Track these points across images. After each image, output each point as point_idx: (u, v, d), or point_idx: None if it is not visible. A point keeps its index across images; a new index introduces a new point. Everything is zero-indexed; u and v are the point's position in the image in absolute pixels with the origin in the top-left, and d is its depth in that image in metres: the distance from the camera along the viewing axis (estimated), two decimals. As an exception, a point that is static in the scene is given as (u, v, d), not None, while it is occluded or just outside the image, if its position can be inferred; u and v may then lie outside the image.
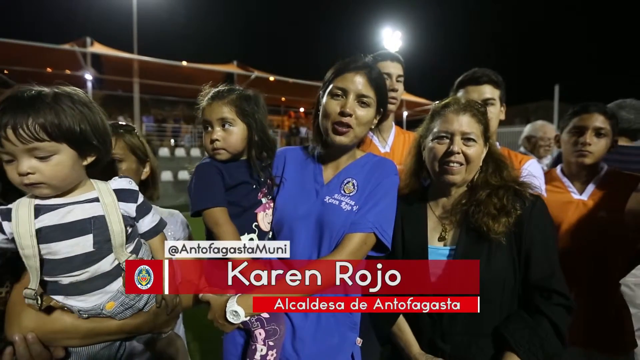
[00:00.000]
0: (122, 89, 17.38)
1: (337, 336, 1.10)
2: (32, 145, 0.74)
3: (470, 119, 1.11)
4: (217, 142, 1.08)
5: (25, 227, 0.78)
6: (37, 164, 0.77)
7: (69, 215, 0.82)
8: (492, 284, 1.03)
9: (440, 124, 1.13)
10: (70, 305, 0.86)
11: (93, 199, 0.87)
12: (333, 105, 1.11)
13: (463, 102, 1.14)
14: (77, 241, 0.82)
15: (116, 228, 0.86)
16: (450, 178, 1.11)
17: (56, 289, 0.85)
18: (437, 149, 1.12)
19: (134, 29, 16.46)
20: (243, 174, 1.13)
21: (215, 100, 1.09)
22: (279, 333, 1.03)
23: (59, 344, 0.87)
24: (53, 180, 0.79)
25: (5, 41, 12.75)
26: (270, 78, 17.60)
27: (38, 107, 0.74)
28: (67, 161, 0.80)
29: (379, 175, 1.16)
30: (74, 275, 0.83)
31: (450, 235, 1.15)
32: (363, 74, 1.11)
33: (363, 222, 1.08)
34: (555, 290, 1.02)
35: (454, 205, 1.16)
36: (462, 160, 1.09)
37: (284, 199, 1.17)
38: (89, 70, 14.94)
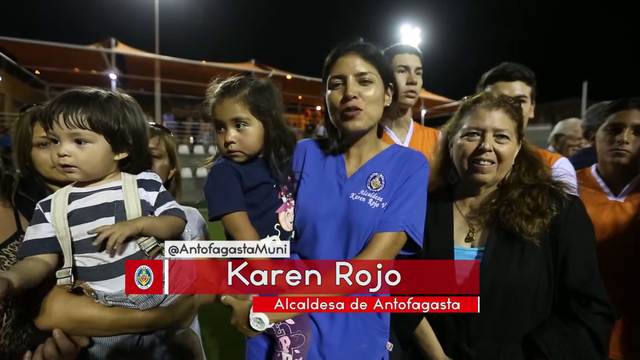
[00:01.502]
0: (144, 88, 17.85)
1: (367, 341, 1.04)
2: (75, 130, 0.87)
3: (503, 114, 1.04)
4: (232, 145, 1.02)
5: (60, 211, 0.89)
6: (75, 148, 0.88)
7: (95, 199, 0.93)
8: (523, 287, 0.99)
9: (471, 120, 1.07)
10: (98, 290, 0.90)
11: (117, 187, 0.96)
12: (335, 95, 1.04)
13: (496, 96, 1.08)
14: (102, 222, 0.90)
15: (133, 212, 0.93)
16: (480, 177, 1.05)
17: (85, 274, 0.90)
18: (466, 146, 1.06)
19: (155, 29, 16.86)
20: (262, 173, 1.07)
21: (226, 97, 1.01)
22: (305, 340, 0.98)
23: (84, 333, 0.90)
24: (84, 166, 0.89)
25: (36, 43, 13.33)
26: (287, 76, 17.67)
27: (88, 102, 0.88)
28: (100, 151, 0.91)
29: (408, 168, 1.07)
30: (99, 258, 0.89)
31: (478, 236, 1.09)
32: (355, 53, 1.02)
33: (393, 221, 1.00)
34: (594, 297, 0.96)
35: (483, 205, 1.11)
36: (494, 159, 1.03)
37: (306, 196, 1.10)
38: (114, 70, 15.45)
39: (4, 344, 0.86)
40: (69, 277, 0.88)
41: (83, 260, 0.90)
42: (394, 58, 1.63)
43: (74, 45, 14.06)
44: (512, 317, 1.00)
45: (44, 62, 14.91)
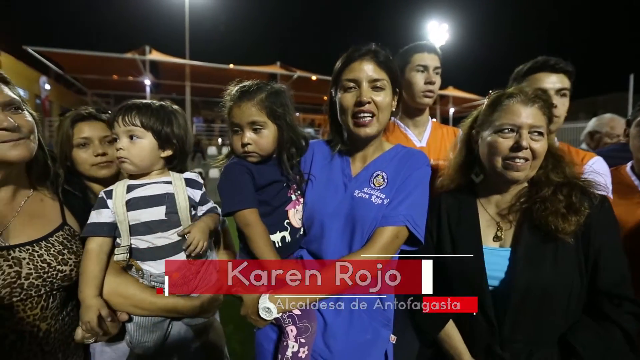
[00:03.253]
0: (175, 92, 18.69)
1: (370, 332, 1.07)
2: (128, 128, 1.04)
3: (538, 111, 1.01)
4: (248, 146, 1.07)
5: (120, 199, 1.04)
6: (128, 143, 1.05)
7: (149, 190, 1.08)
8: (558, 288, 0.96)
9: (504, 116, 1.02)
10: (145, 269, 1.05)
11: (168, 182, 1.11)
12: (348, 98, 1.07)
13: (530, 92, 1.04)
14: (154, 210, 1.05)
15: (182, 204, 1.08)
16: (515, 175, 1.01)
17: (137, 255, 1.05)
18: (500, 144, 1.01)
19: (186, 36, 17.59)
20: (273, 173, 1.11)
21: (243, 101, 1.06)
22: (310, 330, 1.03)
23: (124, 309, 1.03)
24: (135, 158, 1.05)
25: (79, 53, 14.35)
26: (312, 77, 17.81)
27: (141, 108, 1.07)
28: (148, 146, 1.07)
29: (410, 167, 1.10)
30: (150, 240, 1.04)
31: (507, 235, 1.06)
32: (369, 59, 1.06)
33: (394, 216, 1.03)
34: (627, 297, 0.95)
35: (512, 203, 1.08)
36: (529, 156, 1.00)
37: (313, 195, 1.15)
38: (148, 76, 16.30)
39: (50, 323, 0.96)
40: (125, 254, 1.02)
41: (136, 242, 1.04)
42: (413, 57, 1.61)
43: (112, 54, 14.98)
44: (546, 318, 0.97)
45: (86, 70, 16.02)
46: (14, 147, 0.90)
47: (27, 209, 1.00)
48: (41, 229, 1.00)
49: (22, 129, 0.92)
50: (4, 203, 0.96)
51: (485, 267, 1.03)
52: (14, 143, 0.90)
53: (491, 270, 1.03)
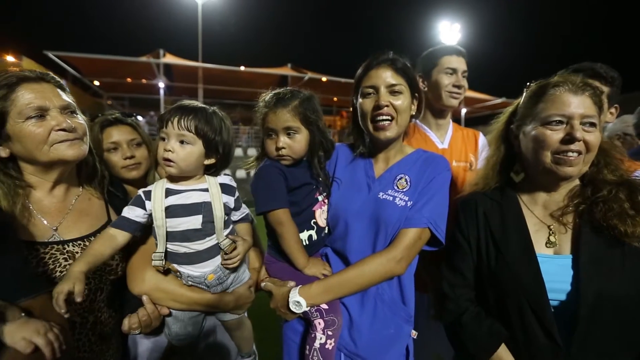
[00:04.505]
0: (187, 95, 19.00)
1: (393, 327, 1.12)
2: (182, 132, 1.03)
3: (588, 99, 0.92)
4: (283, 150, 1.12)
5: (159, 203, 1.04)
6: (178, 147, 1.04)
7: (188, 198, 1.07)
8: (630, 298, 0.86)
9: (552, 106, 0.93)
10: (182, 271, 1.08)
11: (204, 189, 1.10)
12: (367, 104, 1.12)
13: (578, 79, 0.95)
14: (191, 219, 1.05)
15: (219, 213, 1.08)
16: (567, 170, 0.92)
17: (174, 258, 1.08)
18: (548, 137, 0.92)
19: (199, 39, 17.88)
20: (304, 175, 1.17)
21: (279, 108, 1.11)
22: (337, 323, 1.08)
23: (165, 304, 1.09)
24: (182, 162, 1.04)
25: (96, 57, 14.73)
26: (322, 79, 17.87)
27: (197, 113, 1.06)
28: (196, 152, 1.06)
29: (432, 171, 1.14)
30: (187, 246, 1.05)
31: (562, 240, 0.96)
32: (387, 66, 1.11)
33: (418, 218, 1.07)
34: None
35: (565, 204, 0.99)
36: (582, 149, 0.91)
37: (339, 196, 1.20)
38: (162, 79, 16.62)
39: (96, 315, 1.04)
40: (161, 260, 1.05)
41: (173, 247, 1.06)
42: (442, 60, 1.62)
43: (128, 58, 15.32)
44: (620, 334, 0.87)
45: (103, 74, 16.41)
46: (71, 147, 0.97)
47: (78, 207, 1.08)
48: (90, 225, 1.08)
49: (78, 131, 0.99)
50: (59, 200, 1.04)
51: (544, 278, 0.91)
52: (70, 143, 0.97)
53: (550, 281, 0.91)
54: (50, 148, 0.94)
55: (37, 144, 0.93)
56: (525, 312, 0.91)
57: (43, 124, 0.93)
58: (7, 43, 52.47)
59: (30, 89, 0.94)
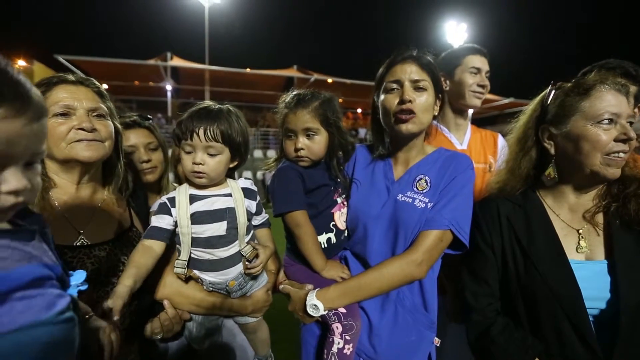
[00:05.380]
0: (194, 97, 19.14)
1: (415, 334, 1.08)
2: (210, 144, 1.01)
3: (628, 98, 0.90)
4: (301, 151, 1.11)
5: (184, 210, 1.03)
6: (207, 158, 1.02)
7: (213, 204, 1.05)
8: None
9: (601, 105, 0.88)
10: (203, 278, 1.07)
11: (228, 194, 1.09)
12: (390, 99, 1.09)
13: (620, 79, 0.93)
14: (216, 225, 1.04)
15: (242, 219, 1.08)
16: (615, 172, 0.88)
17: (196, 265, 1.07)
18: (600, 137, 0.87)
19: (206, 42, 18.04)
20: (322, 176, 1.16)
21: (299, 109, 1.10)
22: (355, 328, 1.05)
23: (186, 308, 1.09)
24: (212, 173, 1.03)
25: (103, 60, 14.94)
26: (328, 80, 17.88)
27: (221, 118, 1.02)
28: (225, 161, 1.05)
29: (453, 170, 1.09)
30: (210, 253, 1.04)
31: (594, 245, 0.92)
32: (412, 61, 1.08)
33: (439, 219, 1.03)
34: None
35: (594, 205, 0.94)
36: (629, 149, 0.88)
37: (357, 198, 1.18)
38: (169, 82, 16.80)
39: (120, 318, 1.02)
40: (184, 269, 1.04)
41: (197, 253, 1.05)
42: (466, 59, 1.63)
43: (136, 61, 15.52)
44: None
45: (110, 77, 16.64)
46: (87, 147, 0.97)
47: (103, 210, 1.09)
48: (115, 229, 1.08)
49: (99, 133, 0.99)
50: (85, 201, 1.05)
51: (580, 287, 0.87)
52: (87, 143, 0.97)
53: (586, 288, 0.87)
54: (67, 146, 0.95)
55: (56, 140, 0.94)
56: (560, 323, 0.87)
57: (66, 122, 0.95)
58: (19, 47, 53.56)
59: (66, 90, 0.96)
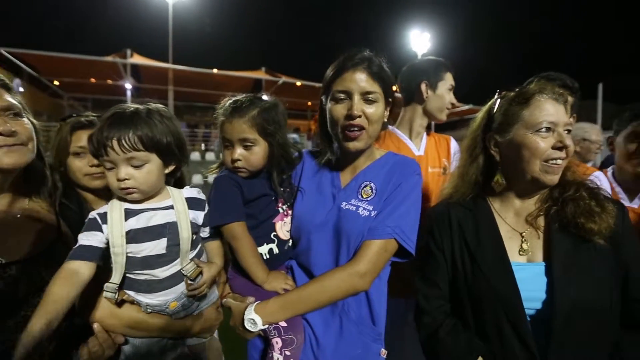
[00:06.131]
0: (157, 97, 18.31)
1: (361, 347, 1.05)
2: (131, 154, 0.88)
3: (566, 107, 0.93)
4: (238, 162, 1.05)
5: (118, 228, 0.90)
6: (133, 171, 0.90)
7: (152, 220, 0.94)
8: (603, 302, 0.86)
9: (540, 114, 0.91)
10: (139, 300, 0.96)
11: (169, 206, 0.97)
12: (339, 110, 1.02)
13: (558, 88, 0.96)
14: (155, 243, 0.93)
15: (185, 235, 0.96)
16: (554, 179, 0.92)
17: (132, 285, 0.95)
18: (539, 144, 0.90)
19: (169, 40, 17.34)
20: (262, 187, 1.11)
21: (235, 117, 1.04)
22: (296, 343, 1.01)
23: (122, 332, 0.97)
24: (143, 186, 0.92)
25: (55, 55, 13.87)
26: (297, 83, 17.84)
27: (137, 122, 0.89)
28: (156, 170, 0.94)
29: (399, 176, 1.06)
30: (148, 273, 0.94)
31: (534, 247, 0.95)
32: (363, 69, 1.01)
33: (382, 228, 1.00)
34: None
35: (536, 209, 0.98)
36: (566, 155, 0.92)
37: (302, 207, 1.14)
38: (129, 80, 15.92)
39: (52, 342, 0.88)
40: (115, 293, 0.91)
41: (131, 275, 0.94)
42: (447, 75, 1.67)
43: (91, 57, 14.56)
44: (594, 339, 0.86)
45: (62, 73, 15.49)
46: (8, 154, 0.86)
47: (24, 222, 0.95)
48: (38, 244, 0.94)
49: (20, 136, 0.88)
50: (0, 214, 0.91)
51: (519, 288, 0.90)
52: (7, 149, 0.86)
53: (525, 290, 0.90)
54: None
55: None
56: (502, 323, 0.90)
57: None
58: (-45, 37, 48.27)
59: None
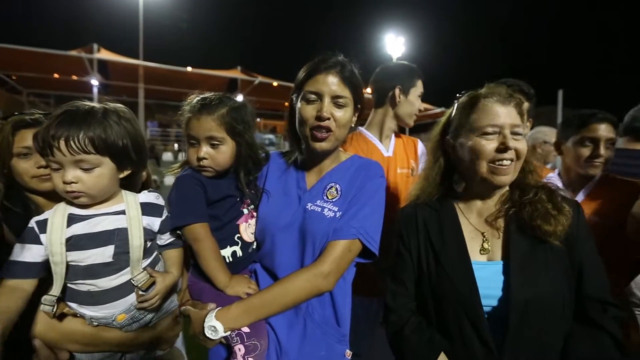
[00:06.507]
0: (127, 95, 17.56)
1: (325, 349, 1.05)
2: (80, 157, 0.82)
3: (514, 109, 0.97)
4: (204, 161, 1.02)
5: (57, 234, 0.83)
6: (81, 174, 0.84)
7: (98, 226, 0.87)
8: (555, 300, 0.90)
9: (484, 117, 0.96)
10: (83, 313, 0.89)
11: (120, 211, 0.91)
12: (309, 110, 1.04)
13: (504, 90, 1.00)
14: (100, 251, 0.86)
15: (136, 242, 0.90)
16: (502, 179, 0.96)
17: (73, 296, 0.88)
18: (484, 147, 0.95)
19: (140, 35, 16.70)
20: (228, 187, 1.08)
21: (203, 115, 1.01)
22: (259, 349, 0.98)
23: (65, 347, 0.89)
24: (92, 191, 0.85)
25: (13, 48, 12.98)
26: (273, 83, 17.72)
27: (89, 122, 0.82)
28: (107, 174, 0.87)
29: (363, 178, 1.09)
30: (92, 284, 0.87)
31: (493, 246, 0.99)
32: (335, 73, 1.03)
33: (346, 229, 1.01)
34: (609, 302, 0.92)
35: (497, 210, 1.02)
36: (514, 157, 0.95)
37: (267, 208, 1.12)
38: (95, 76, 15.15)
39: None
40: (53, 306, 0.84)
41: (73, 285, 0.87)
42: (419, 82, 1.73)
43: (53, 51, 13.73)
44: (547, 334, 0.90)
45: (21, 67, 14.51)
46: None
47: None
48: None
49: None
50: None
51: (478, 285, 0.93)
52: None
53: (484, 288, 0.93)
54: None
55: None
56: (462, 321, 0.93)
57: None
58: None
59: None
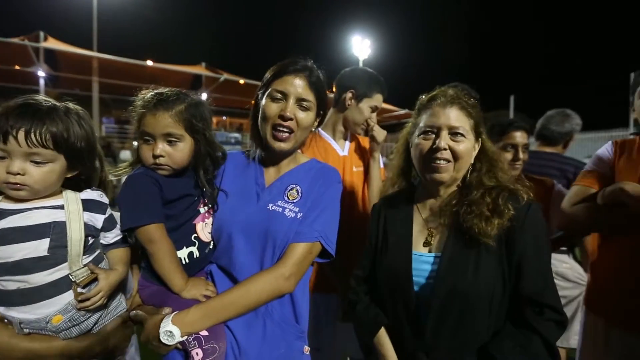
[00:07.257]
0: (79, 88, 16.35)
1: (284, 346, 1.06)
2: (36, 150, 0.79)
3: (458, 112, 1.02)
4: (161, 159, 0.99)
5: None
6: (30, 167, 0.81)
7: (29, 218, 0.83)
8: (479, 295, 0.95)
9: (427, 118, 1.04)
10: (11, 316, 0.82)
11: (58, 206, 0.87)
12: (273, 108, 1.06)
13: (451, 93, 1.06)
14: (33, 244, 0.81)
15: (75, 236, 0.86)
16: (437, 176, 1.02)
17: (1, 298, 0.81)
18: (422, 145, 1.03)
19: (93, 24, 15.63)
20: (185, 186, 1.06)
21: (160, 110, 0.98)
22: (218, 351, 0.95)
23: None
24: (37, 185, 0.82)
25: (-57, 32, 11.60)
26: (240, 81, 17.36)
27: (53, 118, 0.81)
28: (57, 170, 0.85)
29: (324, 182, 1.12)
30: (22, 280, 0.81)
31: (436, 240, 1.05)
32: (303, 77, 1.07)
33: (309, 232, 1.04)
34: (547, 304, 0.93)
35: (443, 207, 1.07)
36: (450, 157, 1.01)
37: (224, 206, 1.11)
38: (42, 67, 13.95)
39: None
40: None
41: (1, 285, 0.81)
42: (375, 96, 1.75)
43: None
44: (468, 326, 0.96)
45: (-47, 54, 13.02)
46: None
47: None
48: None
49: None
50: None
51: (413, 274, 1.02)
52: None
53: (419, 276, 1.02)
54: None
55: None
56: (397, 302, 1.05)
57: None
58: None
59: None
